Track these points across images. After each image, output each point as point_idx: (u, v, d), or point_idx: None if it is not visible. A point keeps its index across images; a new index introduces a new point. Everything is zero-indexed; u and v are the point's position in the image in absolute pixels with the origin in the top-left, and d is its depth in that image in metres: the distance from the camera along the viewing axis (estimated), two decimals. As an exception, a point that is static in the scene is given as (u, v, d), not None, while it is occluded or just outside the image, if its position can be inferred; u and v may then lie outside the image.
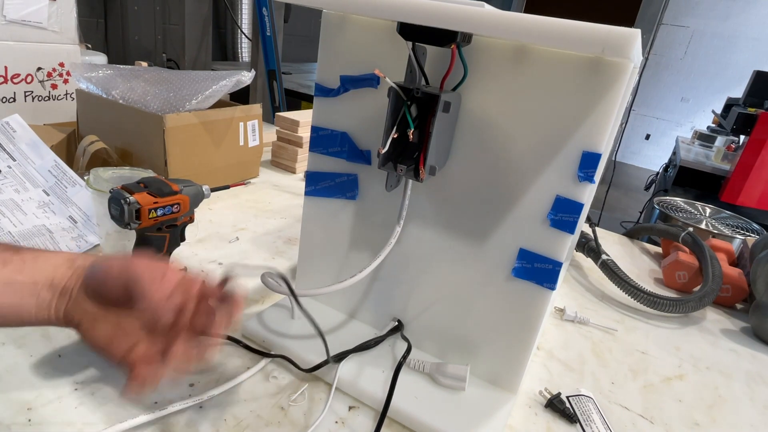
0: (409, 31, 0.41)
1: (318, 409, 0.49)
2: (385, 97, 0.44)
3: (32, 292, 0.39)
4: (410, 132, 0.43)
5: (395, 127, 0.43)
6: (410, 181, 0.50)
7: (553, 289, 0.47)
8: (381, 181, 0.51)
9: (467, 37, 0.42)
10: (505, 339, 0.51)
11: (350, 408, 0.50)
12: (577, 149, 0.42)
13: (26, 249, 0.41)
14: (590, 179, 0.43)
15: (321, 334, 0.50)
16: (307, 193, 0.58)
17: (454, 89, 0.45)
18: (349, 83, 0.51)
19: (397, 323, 0.57)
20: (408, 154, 0.46)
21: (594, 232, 0.89)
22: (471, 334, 0.53)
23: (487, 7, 0.38)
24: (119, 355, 0.39)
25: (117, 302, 0.39)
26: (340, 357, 0.52)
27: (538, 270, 0.47)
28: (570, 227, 0.45)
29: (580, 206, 0.44)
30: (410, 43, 0.43)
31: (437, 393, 0.51)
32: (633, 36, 0.32)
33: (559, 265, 0.46)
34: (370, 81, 0.50)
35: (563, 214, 0.45)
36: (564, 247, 0.46)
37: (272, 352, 0.54)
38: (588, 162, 0.42)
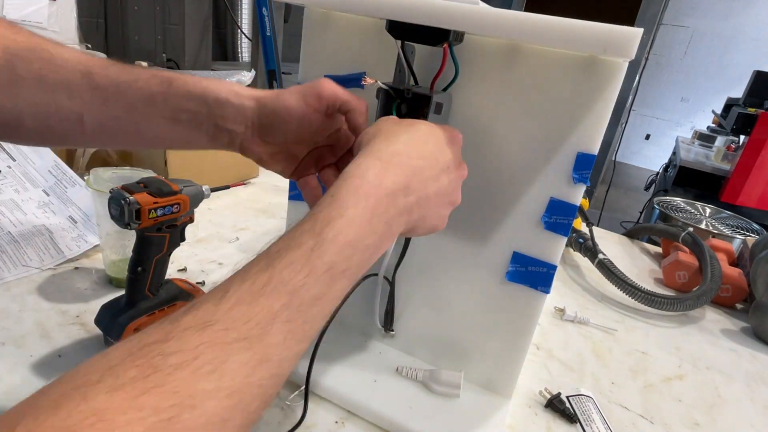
0: (399, 30, 0.40)
1: (315, 411, 0.49)
2: (372, 98, 0.42)
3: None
4: None
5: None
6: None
7: (547, 292, 0.46)
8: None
9: (459, 36, 0.41)
10: (499, 343, 0.50)
11: (338, 422, 0.50)
12: (571, 150, 0.42)
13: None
14: (585, 180, 0.42)
15: None
16: (291, 198, 0.55)
17: (444, 89, 0.44)
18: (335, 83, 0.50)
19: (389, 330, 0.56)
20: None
21: (591, 231, 0.89)
22: (464, 339, 0.52)
23: (482, 4, 0.36)
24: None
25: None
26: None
27: (532, 273, 0.46)
28: (564, 229, 0.44)
29: (575, 208, 0.43)
30: (399, 42, 0.41)
31: (431, 401, 0.50)
32: (635, 35, 0.32)
33: (554, 268, 0.45)
34: (357, 81, 0.49)
35: (557, 216, 0.44)
36: (558, 250, 0.45)
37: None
38: (583, 163, 0.41)
